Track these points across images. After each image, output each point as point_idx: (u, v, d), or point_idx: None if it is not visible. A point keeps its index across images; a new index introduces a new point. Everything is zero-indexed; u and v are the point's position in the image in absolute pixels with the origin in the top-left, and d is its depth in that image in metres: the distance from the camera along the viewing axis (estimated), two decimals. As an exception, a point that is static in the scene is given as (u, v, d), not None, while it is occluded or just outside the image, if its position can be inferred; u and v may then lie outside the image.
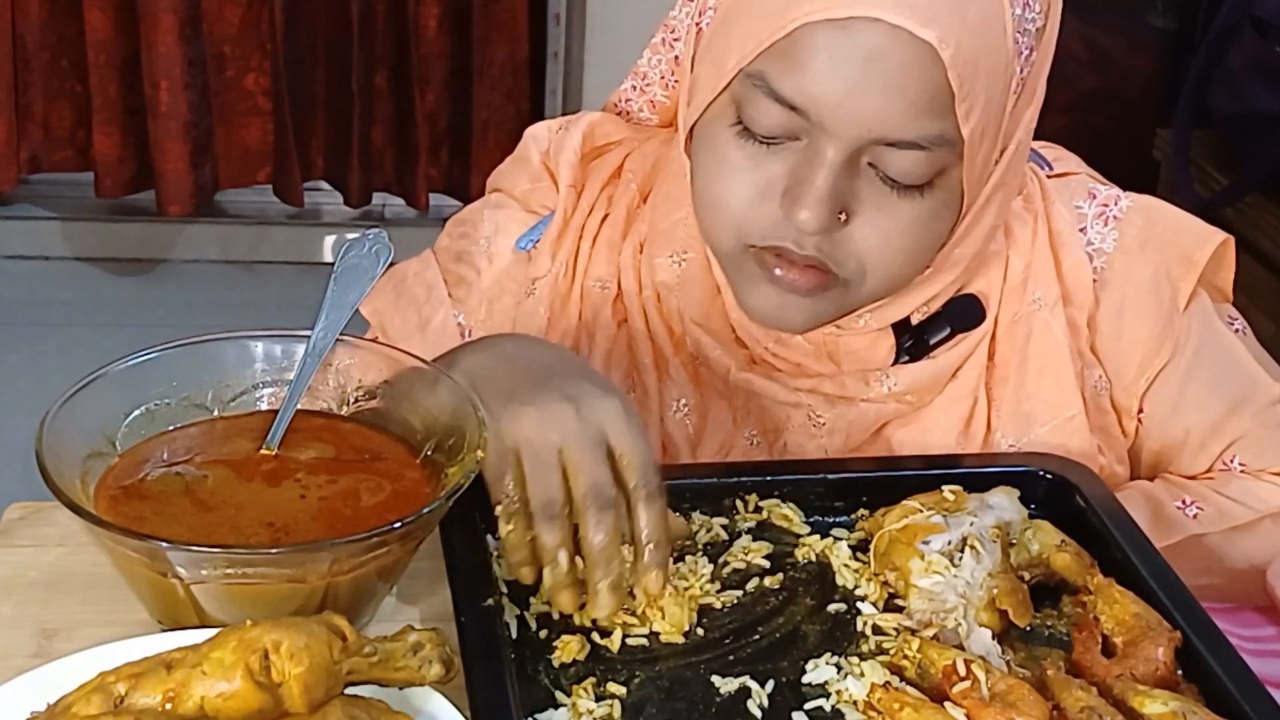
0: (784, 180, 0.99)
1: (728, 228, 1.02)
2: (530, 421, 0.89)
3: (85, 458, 0.91)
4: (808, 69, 0.95)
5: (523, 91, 3.19)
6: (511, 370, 0.95)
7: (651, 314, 1.14)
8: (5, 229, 3.21)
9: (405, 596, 0.96)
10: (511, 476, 0.89)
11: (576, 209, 1.17)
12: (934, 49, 0.93)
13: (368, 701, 0.78)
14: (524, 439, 0.89)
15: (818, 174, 0.97)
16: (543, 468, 0.88)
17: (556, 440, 0.88)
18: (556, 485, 0.88)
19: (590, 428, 0.88)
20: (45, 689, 0.78)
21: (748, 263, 1.03)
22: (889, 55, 0.93)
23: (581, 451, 0.88)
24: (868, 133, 0.95)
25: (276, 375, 1.00)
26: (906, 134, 0.95)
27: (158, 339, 0.97)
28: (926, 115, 0.95)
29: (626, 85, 1.22)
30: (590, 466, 0.87)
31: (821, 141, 0.97)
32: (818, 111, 0.95)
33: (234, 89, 3.11)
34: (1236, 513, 1.12)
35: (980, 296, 1.12)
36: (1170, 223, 1.16)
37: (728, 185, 1.01)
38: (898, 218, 0.99)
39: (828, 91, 0.95)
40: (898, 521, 0.95)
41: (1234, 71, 2.34)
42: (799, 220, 0.97)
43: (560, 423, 0.88)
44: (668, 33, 1.17)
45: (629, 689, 0.86)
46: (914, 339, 1.11)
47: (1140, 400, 1.15)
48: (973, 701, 0.81)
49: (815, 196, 0.97)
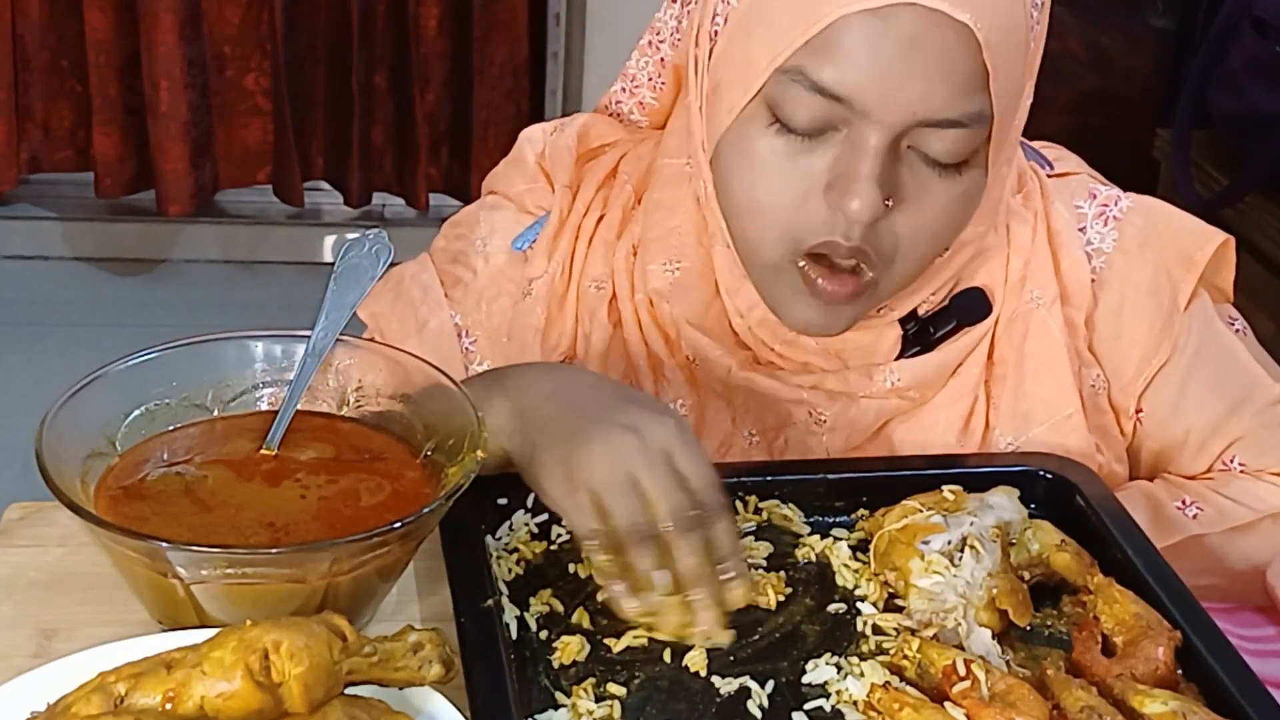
0: (827, 174, 0.99)
1: (775, 232, 1.02)
2: (600, 458, 0.89)
3: (85, 458, 0.91)
4: (850, 59, 0.95)
5: (523, 91, 3.19)
6: (562, 410, 0.95)
7: (645, 318, 1.14)
8: (5, 229, 3.21)
9: (405, 596, 0.96)
10: (591, 512, 0.89)
11: (572, 210, 1.17)
12: (970, 29, 0.94)
13: (368, 701, 0.78)
14: (599, 479, 0.89)
15: (864, 162, 0.97)
16: (625, 499, 0.89)
17: (629, 471, 0.89)
18: (640, 510, 0.89)
19: (656, 454, 0.89)
20: (45, 689, 0.78)
21: (790, 275, 1.03)
22: (929, 39, 0.94)
23: (655, 479, 0.89)
24: (912, 116, 0.96)
25: (276, 375, 1.00)
26: (949, 113, 0.96)
27: (158, 339, 0.97)
28: (967, 94, 0.96)
29: (616, 87, 1.22)
30: (668, 492, 0.88)
31: (864, 129, 0.97)
32: (862, 100, 0.96)
33: (234, 89, 3.11)
34: (1236, 513, 1.12)
35: (986, 290, 1.12)
36: (1170, 223, 1.16)
37: (771, 186, 1.00)
38: (937, 199, 1.00)
39: (872, 79, 0.95)
40: (898, 521, 0.95)
41: (1234, 71, 2.34)
42: (850, 210, 0.97)
43: (628, 455, 0.89)
44: (654, 35, 1.17)
45: (629, 689, 0.86)
46: (918, 329, 1.12)
47: (1138, 400, 1.15)
48: (973, 701, 0.81)
49: (866, 184, 0.97)
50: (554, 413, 0.95)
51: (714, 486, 0.90)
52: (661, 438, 0.90)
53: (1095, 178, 1.21)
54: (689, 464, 0.90)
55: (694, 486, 0.89)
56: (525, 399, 0.97)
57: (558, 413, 0.95)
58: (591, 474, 0.89)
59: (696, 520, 0.89)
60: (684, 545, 0.88)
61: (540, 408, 0.96)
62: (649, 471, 0.89)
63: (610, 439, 0.90)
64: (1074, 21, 2.70)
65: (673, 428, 0.91)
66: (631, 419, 0.91)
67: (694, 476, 0.90)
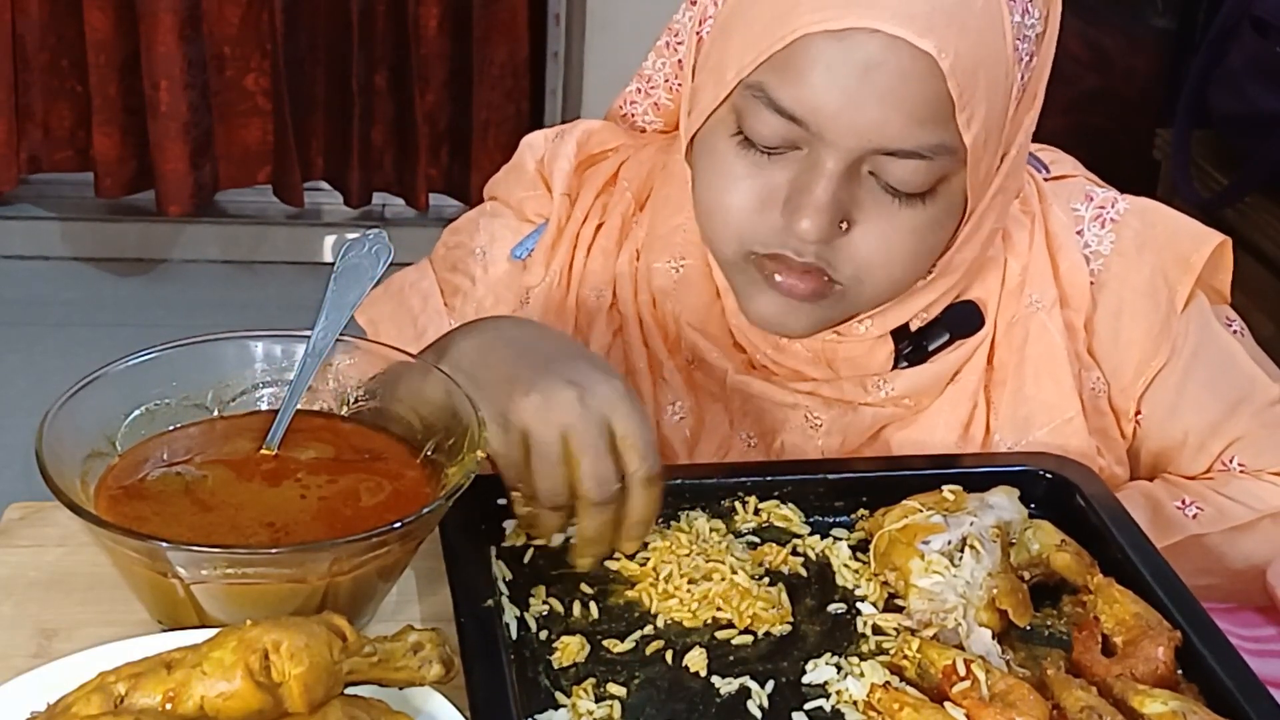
0: (785, 189, 0.99)
1: (729, 235, 1.03)
2: (534, 409, 0.90)
3: (85, 458, 0.91)
4: (807, 80, 0.95)
5: (523, 92, 3.19)
6: (510, 354, 0.96)
7: (647, 319, 1.14)
8: (5, 229, 3.21)
9: (405, 596, 0.96)
10: (518, 463, 0.91)
11: (571, 217, 1.17)
12: (933, 58, 0.93)
13: (368, 701, 0.78)
14: (529, 427, 0.90)
15: (818, 183, 0.97)
16: (547, 460, 0.90)
17: (561, 427, 0.89)
18: (560, 479, 0.90)
19: (593, 413, 0.90)
20: (45, 689, 0.78)
21: (749, 269, 1.04)
22: (887, 65, 0.93)
23: (585, 439, 0.89)
24: (867, 143, 0.96)
25: (276, 375, 1.00)
26: (906, 143, 0.96)
27: (158, 339, 0.97)
28: (927, 124, 0.95)
29: (632, 88, 1.22)
30: (594, 456, 0.89)
31: (821, 151, 0.97)
32: (817, 122, 0.96)
33: (234, 89, 3.11)
34: (1236, 513, 1.12)
35: (979, 303, 1.12)
36: (1167, 225, 1.16)
37: (729, 194, 1.01)
38: (899, 225, 0.99)
39: (826, 102, 0.95)
40: (898, 521, 0.95)
41: (1234, 71, 2.34)
42: (800, 230, 0.98)
43: (564, 409, 0.90)
44: (671, 36, 1.17)
45: (629, 690, 0.86)
46: (913, 345, 1.11)
47: (1138, 402, 1.15)
48: (973, 701, 0.81)
49: (815, 206, 0.97)
50: (502, 358, 0.95)
51: (650, 451, 0.91)
52: (603, 397, 0.90)
53: (1092, 180, 1.21)
54: (627, 425, 0.90)
55: (628, 447, 0.90)
56: (475, 341, 0.98)
57: (505, 359, 0.95)
58: (526, 426, 0.90)
59: (614, 495, 0.90)
60: (592, 514, 0.90)
61: (490, 351, 0.97)
62: (581, 430, 0.89)
63: (551, 391, 0.90)
64: (1074, 21, 2.70)
65: (619, 388, 0.91)
66: (577, 375, 0.92)
67: (630, 437, 0.90)
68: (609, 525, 0.91)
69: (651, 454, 0.91)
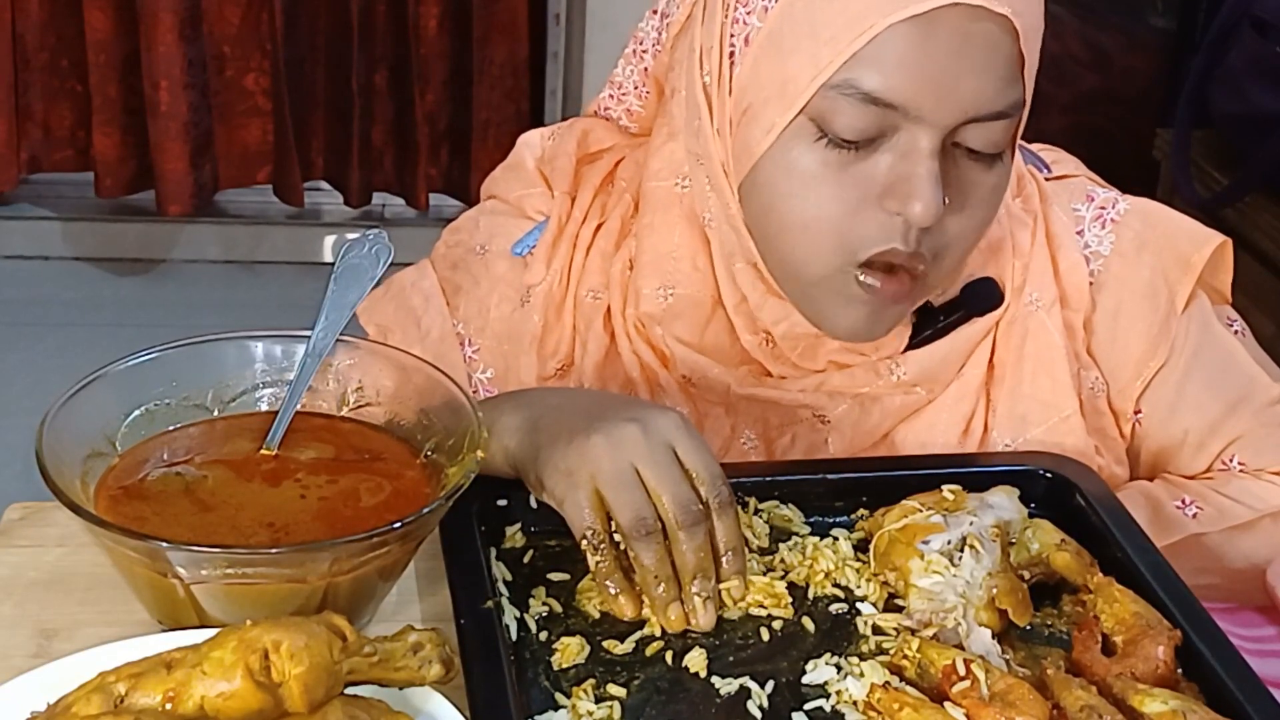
0: (880, 182, 0.98)
1: (831, 245, 1.00)
2: (601, 449, 0.90)
3: (85, 458, 0.91)
4: (901, 66, 0.96)
5: (523, 91, 3.19)
6: (564, 415, 0.95)
7: (635, 336, 1.14)
8: (5, 229, 3.21)
9: (405, 596, 0.96)
10: (590, 507, 0.90)
11: (570, 216, 1.17)
12: (1010, 20, 0.96)
13: (368, 701, 0.78)
14: (598, 467, 0.90)
15: (920, 164, 0.97)
16: (626, 489, 0.89)
17: (631, 461, 0.89)
18: (644, 502, 0.89)
19: (659, 444, 0.90)
20: (45, 689, 0.78)
21: (843, 283, 1.02)
22: (975, 36, 0.95)
23: (658, 469, 0.89)
24: (964, 114, 0.97)
25: (276, 375, 1.00)
26: (998, 105, 0.98)
27: (158, 339, 0.97)
28: (1010, 84, 0.98)
29: (604, 94, 1.22)
30: (672, 483, 0.89)
31: (916, 133, 0.97)
32: (917, 104, 0.96)
33: (234, 89, 3.12)
34: (1236, 512, 1.12)
35: (997, 280, 1.13)
36: (1167, 226, 1.16)
37: (824, 200, 1.00)
38: (980, 190, 1.01)
39: (925, 82, 0.96)
40: (897, 521, 0.95)
41: (1234, 71, 2.34)
42: (914, 214, 0.97)
43: (630, 444, 0.90)
44: (636, 44, 1.17)
45: (629, 690, 0.86)
46: (928, 319, 1.12)
47: (1137, 402, 1.15)
48: (973, 701, 0.81)
49: (927, 186, 0.97)
50: (561, 417, 0.95)
51: (718, 478, 0.91)
52: (664, 428, 0.91)
53: (1093, 180, 1.21)
54: (692, 456, 0.90)
55: (696, 478, 0.90)
56: (534, 409, 0.98)
57: (564, 417, 0.95)
58: (595, 467, 0.90)
59: (701, 514, 0.89)
60: (687, 539, 0.89)
61: (548, 414, 0.96)
62: (651, 461, 0.89)
63: (613, 430, 0.90)
64: (1074, 21, 2.70)
65: (677, 420, 0.92)
66: (635, 413, 0.92)
67: (697, 467, 0.90)
68: (707, 553, 0.90)
69: (719, 480, 0.91)
